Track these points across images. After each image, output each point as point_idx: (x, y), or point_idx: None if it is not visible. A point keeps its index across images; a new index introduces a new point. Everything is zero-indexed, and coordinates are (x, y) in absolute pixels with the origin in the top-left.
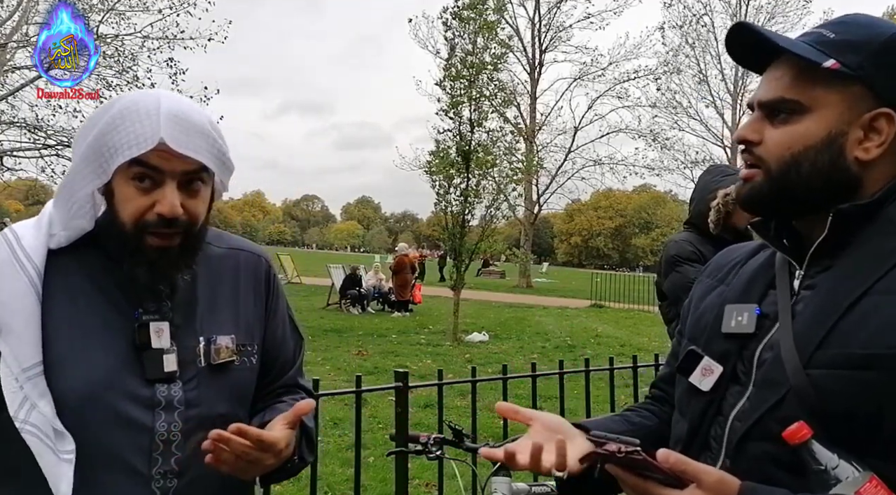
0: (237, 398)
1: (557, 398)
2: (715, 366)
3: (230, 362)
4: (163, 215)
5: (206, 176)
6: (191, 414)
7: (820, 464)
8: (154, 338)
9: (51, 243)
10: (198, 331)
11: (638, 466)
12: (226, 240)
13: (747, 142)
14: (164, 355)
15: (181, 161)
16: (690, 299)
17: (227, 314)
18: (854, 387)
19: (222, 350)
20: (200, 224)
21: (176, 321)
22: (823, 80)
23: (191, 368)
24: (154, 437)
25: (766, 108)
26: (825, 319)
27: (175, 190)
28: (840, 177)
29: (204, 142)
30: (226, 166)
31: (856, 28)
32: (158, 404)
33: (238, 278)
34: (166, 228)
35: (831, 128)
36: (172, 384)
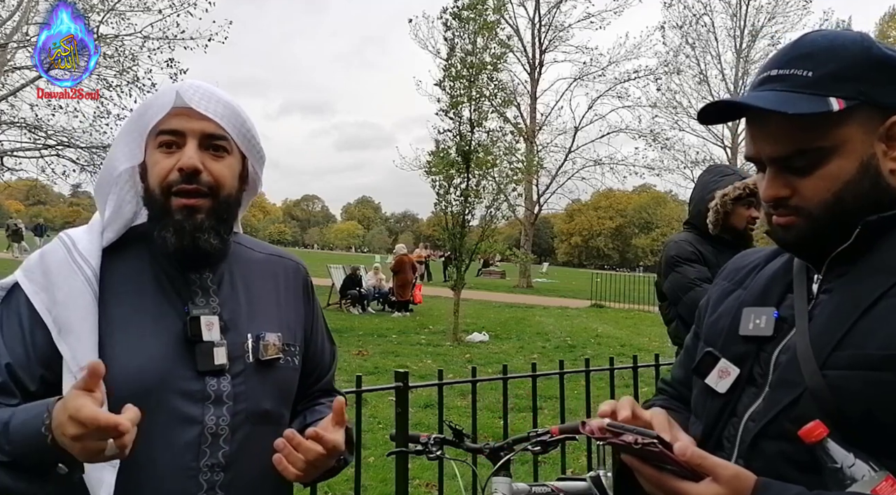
0: (282, 396)
1: (558, 398)
2: (732, 368)
3: (276, 359)
4: (182, 169)
5: (229, 144)
6: (239, 409)
7: (836, 463)
8: (205, 331)
9: (103, 242)
10: (246, 326)
11: (654, 458)
12: (263, 246)
13: (781, 199)
14: (215, 348)
15: (200, 121)
16: (707, 301)
17: (271, 314)
18: (871, 388)
19: (270, 346)
20: (230, 194)
21: (224, 316)
22: (835, 120)
23: (239, 363)
24: (203, 430)
25: (781, 161)
26: (842, 322)
27: (195, 148)
28: (882, 195)
29: (224, 110)
30: (255, 149)
31: (826, 56)
32: (208, 398)
33: (279, 282)
34: (187, 184)
35: (861, 156)
36: (222, 378)
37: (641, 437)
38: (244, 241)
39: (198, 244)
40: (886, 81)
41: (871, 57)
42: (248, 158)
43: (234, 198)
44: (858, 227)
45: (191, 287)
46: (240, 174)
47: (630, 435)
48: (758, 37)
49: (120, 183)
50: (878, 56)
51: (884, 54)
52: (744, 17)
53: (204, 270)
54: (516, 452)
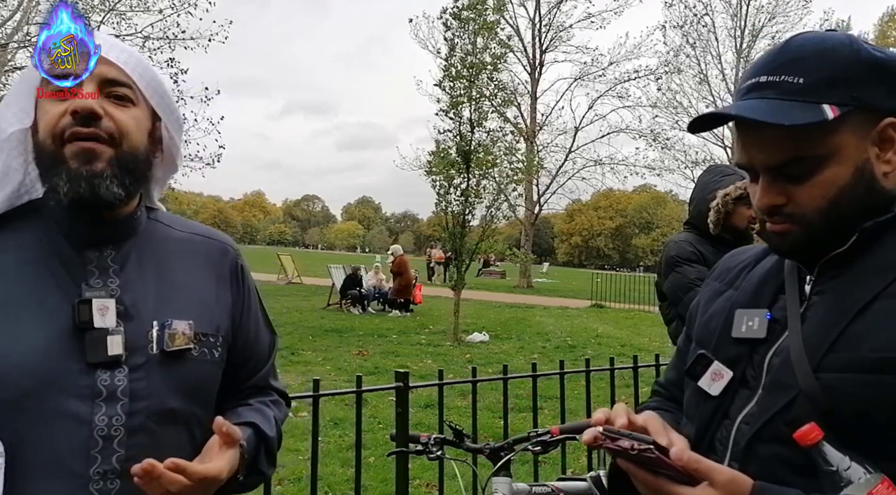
0: (193, 392)
1: (558, 398)
2: (725, 370)
3: (187, 350)
4: (77, 111)
5: (134, 94)
6: (137, 408)
7: (831, 466)
8: (97, 316)
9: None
10: (151, 313)
11: (650, 463)
12: (188, 225)
13: (776, 207)
14: (109, 336)
15: (101, 65)
16: (698, 302)
17: (185, 299)
18: (866, 391)
19: (178, 336)
20: (135, 147)
21: (125, 300)
22: (829, 127)
23: (140, 354)
24: (93, 432)
25: (776, 170)
26: (835, 323)
27: (93, 91)
28: (876, 198)
29: (129, 57)
30: (169, 108)
31: (817, 61)
32: (99, 394)
33: (200, 264)
34: (84, 127)
35: (855, 161)
36: (117, 370)
37: (638, 443)
38: (164, 219)
39: (97, 192)
40: (877, 84)
41: (861, 60)
42: (161, 119)
43: (143, 156)
44: (855, 235)
45: (87, 266)
46: (150, 133)
47: (626, 441)
48: (758, 37)
49: (6, 148)
50: (868, 59)
51: (873, 57)
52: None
53: (105, 247)
54: (516, 452)
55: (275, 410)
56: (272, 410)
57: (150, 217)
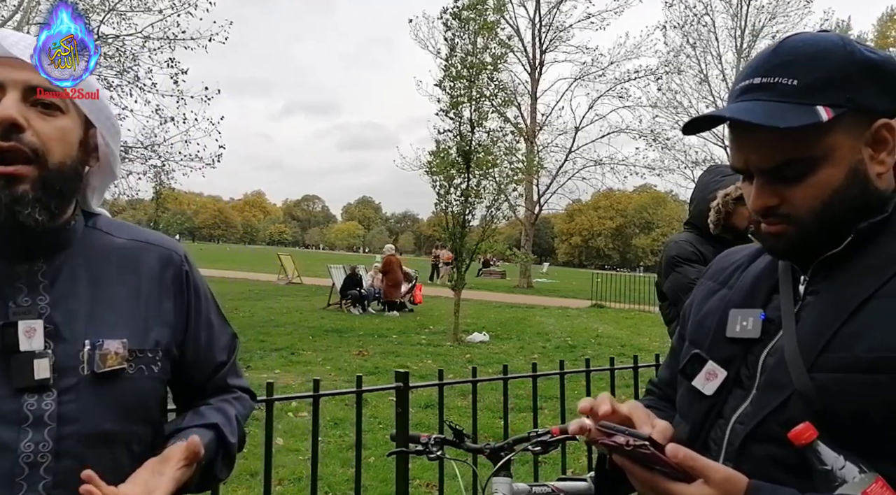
0: (130, 411)
1: (558, 398)
2: (719, 370)
3: (120, 370)
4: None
5: (62, 102)
6: (66, 432)
7: (826, 465)
8: (23, 339)
9: None
10: (83, 332)
11: (645, 459)
12: (129, 231)
13: (770, 208)
14: (35, 360)
15: (24, 71)
16: (691, 302)
17: (121, 314)
18: (861, 391)
19: (110, 356)
20: (62, 161)
21: (55, 319)
22: (824, 129)
23: (70, 376)
24: (18, 459)
25: (771, 171)
26: (830, 323)
27: (16, 99)
28: (871, 199)
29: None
30: (102, 114)
31: (811, 63)
32: (25, 419)
33: (140, 274)
34: (4, 140)
35: (849, 162)
36: (45, 394)
37: (633, 439)
38: (104, 226)
39: (17, 219)
40: (870, 85)
41: (854, 61)
42: (94, 127)
43: (71, 168)
44: (851, 236)
45: (15, 282)
46: (81, 141)
47: (621, 437)
48: (759, 36)
49: None
50: (862, 60)
51: (866, 58)
52: (745, 16)
53: (36, 261)
54: (517, 452)
55: (237, 407)
56: (234, 408)
57: (89, 224)
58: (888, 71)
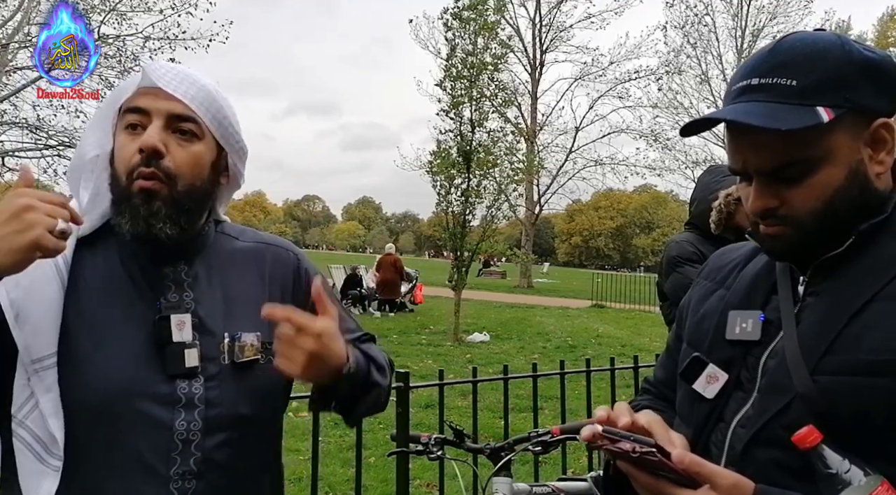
0: (262, 399)
1: (558, 398)
2: (720, 373)
3: (255, 361)
4: (142, 149)
5: (199, 129)
6: (211, 414)
7: (830, 468)
8: (175, 331)
9: (78, 232)
10: (222, 325)
11: (651, 465)
12: (251, 234)
13: (769, 210)
14: (186, 349)
15: (167, 101)
16: (688, 301)
17: (252, 310)
18: (863, 393)
19: (247, 347)
20: (192, 184)
21: (199, 313)
22: (824, 129)
23: (213, 365)
24: (173, 436)
25: (770, 173)
26: (831, 326)
27: (159, 127)
28: (871, 199)
29: (198, 92)
30: (233, 139)
31: (809, 63)
32: (178, 401)
33: (264, 274)
34: (146, 167)
35: (849, 163)
36: (194, 380)
37: (639, 446)
38: (229, 230)
39: (151, 231)
40: (869, 85)
41: (852, 61)
42: (225, 150)
43: (200, 189)
44: (852, 237)
45: (164, 281)
46: (213, 164)
47: (627, 443)
48: (759, 37)
49: (97, 171)
50: (860, 59)
51: (864, 57)
52: (745, 16)
53: (178, 263)
54: (517, 452)
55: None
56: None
57: (218, 230)
58: (886, 70)
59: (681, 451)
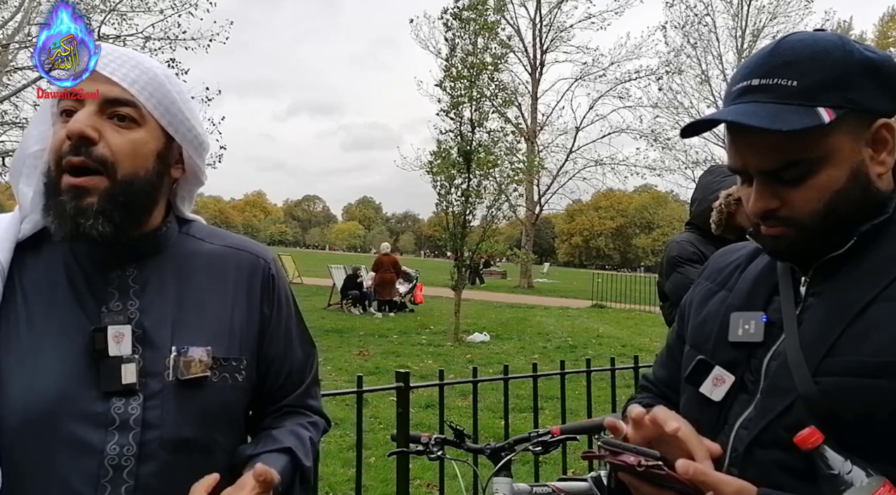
0: (213, 420)
1: (559, 398)
2: (727, 375)
3: (203, 378)
4: (69, 136)
5: (139, 114)
6: (148, 437)
7: (832, 469)
8: (112, 344)
9: (19, 235)
10: (169, 338)
11: (655, 477)
12: (221, 237)
13: (770, 210)
14: (123, 364)
15: (102, 83)
16: (689, 302)
17: (207, 321)
18: (866, 395)
19: (194, 363)
20: (133, 173)
21: (144, 324)
22: (825, 130)
23: (156, 382)
24: (104, 461)
25: (770, 174)
26: (833, 327)
27: (90, 112)
28: (872, 200)
29: (140, 75)
30: (184, 126)
31: (810, 63)
32: (112, 422)
33: (228, 281)
34: (74, 156)
35: (851, 164)
36: (131, 398)
37: (645, 458)
38: (196, 231)
39: (80, 230)
40: (870, 86)
41: (853, 61)
42: (175, 140)
43: (143, 180)
44: (853, 238)
45: (108, 287)
46: (159, 153)
47: (632, 457)
48: (759, 37)
49: (39, 167)
50: (861, 60)
51: (865, 57)
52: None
53: (129, 265)
54: (517, 452)
55: (312, 432)
56: (309, 432)
57: (182, 231)
58: (887, 71)
59: (685, 461)
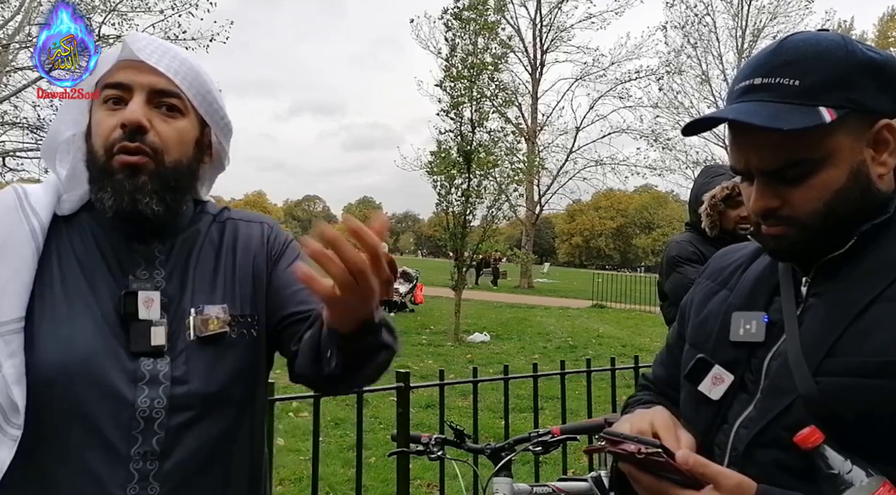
0: (234, 374)
1: (559, 398)
2: (726, 374)
3: (222, 334)
4: (125, 124)
5: (183, 104)
6: (177, 392)
7: (832, 469)
8: (142, 308)
9: (58, 209)
10: (189, 301)
11: (654, 466)
12: (230, 212)
13: (771, 210)
14: (152, 327)
15: (149, 75)
16: (690, 301)
17: (222, 283)
18: (867, 395)
19: (211, 320)
20: (178, 159)
21: (169, 291)
22: (826, 130)
23: (180, 341)
24: (135, 413)
25: (771, 173)
26: (834, 327)
27: (141, 102)
28: (873, 200)
29: (180, 65)
30: (217, 115)
31: (812, 63)
32: (142, 378)
33: (236, 248)
34: (129, 142)
35: (851, 164)
36: (159, 359)
37: (644, 447)
38: (210, 209)
39: (137, 207)
40: (872, 86)
41: (856, 61)
42: (209, 126)
43: (186, 166)
44: (854, 238)
45: (135, 255)
46: (197, 141)
47: (632, 445)
48: (760, 36)
49: (72, 150)
50: (863, 60)
51: (867, 57)
52: (745, 16)
53: (152, 240)
54: (517, 452)
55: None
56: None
57: (197, 210)
58: (889, 71)
59: (685, 452)
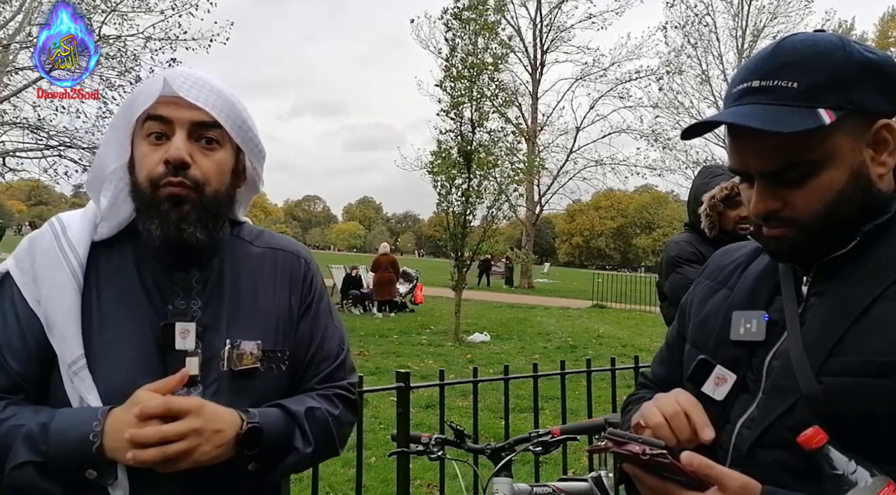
0: (257, 404)
1: (559, 398)
2: (728, 374)
3: (254, 369)
4: (168, 161)
5: (221, 135)
6: None
7: (836, 470)
8: (178, 339)
9: (95, 235)
10: (225, 333)
11: (659, 467)
12: (266, 238)
13: (772, 212)
14: (188, 358)
15: (189, 110)
16: (690, 301)
17: (257, 317)
18: (870, 394)
19: (245, 356)
20: (217, 190)
21: (204, 321)
22: (825, 131)
23: (213, 372)
24: None
25: (772, 175)
26: (836, 327)
27: (183, 138)
28: (873, 200)
29: (217, 99)
30: (252, 143)
31: (810, 65)
32: None
33: (275, 279)
34: (174, 177)
35: (851, 165)
36: (193, 388)
37: (649, 447)
38: (246, 234)
39: (182, 236)
40: (870, 87)
41: (854, 62)
42: (244, 153)
43: (224, 194)
44: (856, 239)
45: (174, 287)
46: (233, 169)
47: (636, 446)
48: (760, 37)
49: (114, 180)
50: (861, 61)
51: (865, 58)
52: (746, 17)
53: (191, 268)
54: (518, 453)
55: (323, 403)
56: (317, 402)
57: (234, 233)
58: (887, 71)
59: (690, 453)
